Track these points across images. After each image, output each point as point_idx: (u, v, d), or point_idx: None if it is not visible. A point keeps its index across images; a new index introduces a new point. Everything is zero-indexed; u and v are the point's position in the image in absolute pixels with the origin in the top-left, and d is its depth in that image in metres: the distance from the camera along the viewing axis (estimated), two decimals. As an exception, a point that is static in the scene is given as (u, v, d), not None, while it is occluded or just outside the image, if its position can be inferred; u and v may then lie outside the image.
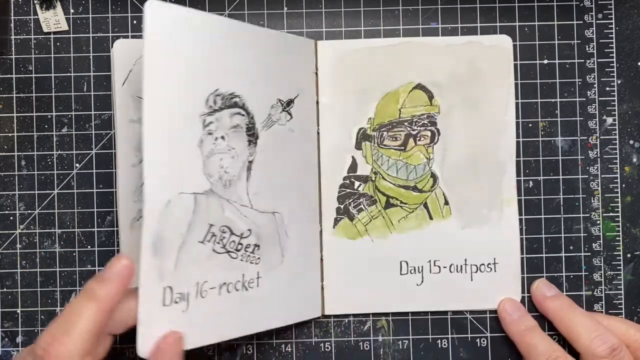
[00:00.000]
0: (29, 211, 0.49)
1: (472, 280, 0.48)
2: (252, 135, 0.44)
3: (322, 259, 0.48)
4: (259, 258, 0.44)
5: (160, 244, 0.40)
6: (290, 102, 0.46)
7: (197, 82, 0.41)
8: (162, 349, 0.38)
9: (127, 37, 0.49)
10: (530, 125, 0.49)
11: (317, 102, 0.48)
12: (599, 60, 0.50)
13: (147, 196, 0.39)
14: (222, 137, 0.42)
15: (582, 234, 0.49)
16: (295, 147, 0.47)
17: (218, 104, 0.42)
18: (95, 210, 0.49)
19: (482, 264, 0.48)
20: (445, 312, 0.49)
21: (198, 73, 0.41)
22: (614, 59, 0.50)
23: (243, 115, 0.43)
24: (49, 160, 0.49)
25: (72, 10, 0.50)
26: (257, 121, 0.44)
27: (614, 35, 0.50)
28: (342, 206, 0.49)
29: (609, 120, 0.50)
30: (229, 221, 0.43)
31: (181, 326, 0.40)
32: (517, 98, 0.49)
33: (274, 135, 0.45)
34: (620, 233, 0.49)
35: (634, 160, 0.50)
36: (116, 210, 0.49)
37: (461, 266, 0.48)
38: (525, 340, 0.45)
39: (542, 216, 0.49)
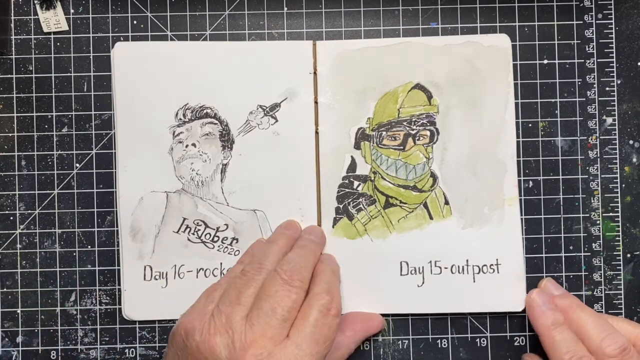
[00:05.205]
0: (29, 211, 0.49)
1: (474, 281, 0.48)
2: (226, 141, 0.49)
3: (321, 259, 0.48)
4: (238, 250, 0.49)
5: (137, 231, 0.49)
6: (275, 107, 0.48)
7: (164, 100, 0.49)
8: None
9: (127, 37, 0.49)
10: (530, 125, 0.49)
11: (316, 102, 0.48)
12: (598, 60, 0.50)
13: (121, 192, 0.49)
14: (194, 144, 0.49)
15: (582, 234, 0.49)
16: (280, 149, 0.48)
17: (188, 116, 0.49)
18: (95, 210, 0.49)
19: (485, 265, 0.48)
20: (446, 313, 0.49)
21: (165, 93, 0.48)
22: (614, 59, 0.50)
23: (215, 123, 0.49)
24: (49, 160, 0.49)
25: (72, 11, 0.50)
26: (233, 128, 0.49)
27: (613, 35, 0.50)
28: (341, 206, 0.49)
29: (609, 120, 0.50)
30: (202, 216, 0.49)
31: (161, 299, 0.48)
32: (517, 98, 0.49)
33: (254, 139, 0.49)
34: (620, 233, 0.49)
35: (634, 160, 0.50)
36: (116, 210, 0.49)
37: (463, 267, 0.48)
38: (552, 334, 0.44)
39: (542, 216, 0.49)
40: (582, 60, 0.50)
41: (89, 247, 0.49)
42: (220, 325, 0.39)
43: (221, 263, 0.49)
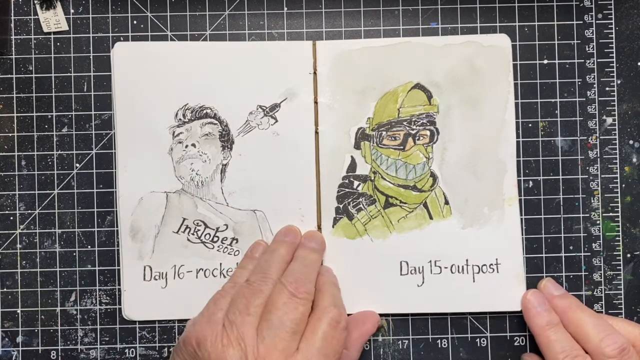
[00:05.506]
0: (29, 211, 0.49)
1: (474, 281, 0.48)
2: (226, 141, 0.49)
3: (321, 259, 0.48)
4: (237, 251, 0.49)
5: (137, 232, 0.49)
6: (274, 107, 0.48)
7: (164, 100, 0.49)
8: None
9: (127, 37, 0.49)
10: (530, 125, 0.49)
11: (316, 102, 0.48)
12: (598, 60, 0.50)
13: (120, 192, 0.49)
14: (193, 145, 0.49)
15: (582, 234, 0.49)
16: (280, 149, 0.48)
17: (188, 117, 0.49)
18: (95, 210, 0.49)
19: (484, 265, 0.48)
20: (445, 312, 0.49)
21: (165, 93, 0.49)
22: (614, 59, 0.50)
23: (215, 124, 0.49)
24: (49, 160, 0.49)
25: (72, 10, 0.50)
26: (232, 128, 0.49)
27: (613, 35, 0.50)
28: (341, 206, 0.49)
29: (609, 120, 0.50)
30: (202, 216, 0.49)
31: (161, 299, 0.48)
32: (517, 98, 0.49)
33: (254, 139, 0.49)
34: (620, 233, 0.49)
35: (634, 160, 0.50)
36: (116, 210, 0.49)
37: (463, 267, 0.48)
38: (547, 334, 0.44)
39: (542, 216, 0.49)
40: (582, 60, 0.50)
41: (89, 247, 0.49)
42: (233, 337, 0.39)
43: (221, 263, 0.49)
